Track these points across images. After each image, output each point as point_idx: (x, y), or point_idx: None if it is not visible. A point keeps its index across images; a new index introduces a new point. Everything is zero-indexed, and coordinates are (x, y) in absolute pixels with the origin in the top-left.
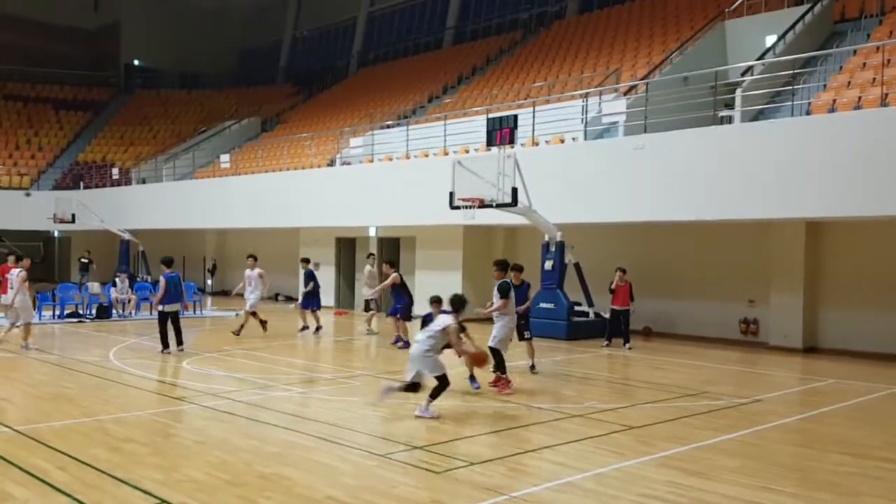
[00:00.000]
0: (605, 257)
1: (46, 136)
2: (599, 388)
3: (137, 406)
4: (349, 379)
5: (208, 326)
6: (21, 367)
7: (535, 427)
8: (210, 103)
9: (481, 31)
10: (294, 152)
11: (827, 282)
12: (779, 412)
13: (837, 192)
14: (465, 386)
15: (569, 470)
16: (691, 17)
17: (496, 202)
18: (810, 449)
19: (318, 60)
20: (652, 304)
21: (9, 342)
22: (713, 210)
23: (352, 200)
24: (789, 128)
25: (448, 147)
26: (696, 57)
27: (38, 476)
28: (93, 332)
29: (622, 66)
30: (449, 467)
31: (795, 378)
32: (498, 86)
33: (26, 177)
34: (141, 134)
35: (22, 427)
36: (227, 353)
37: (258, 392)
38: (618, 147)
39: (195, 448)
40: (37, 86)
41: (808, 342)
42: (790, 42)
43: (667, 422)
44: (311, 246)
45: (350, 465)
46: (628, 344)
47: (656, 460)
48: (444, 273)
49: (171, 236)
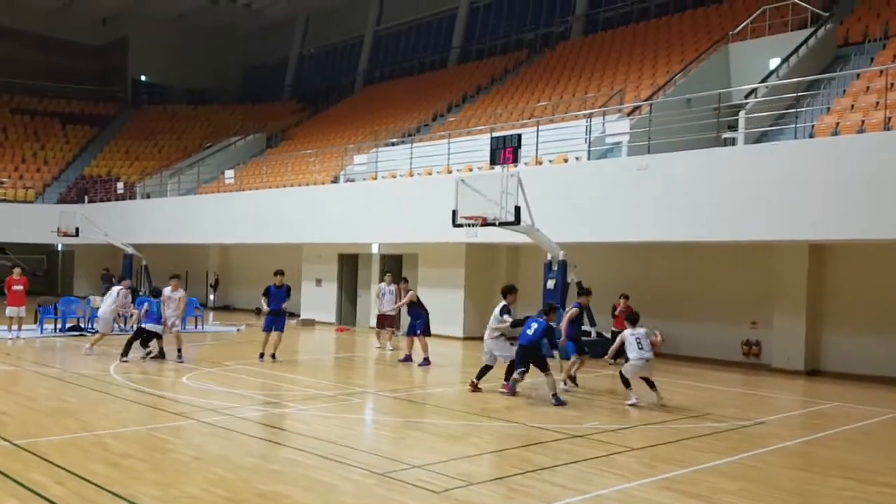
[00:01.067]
0: (608, 277)
1: (52, 149)
2: (601, 409)
3: (137, 421)
4: (350, 396)
5: (209, 341)
6: (22, 380)
7: (535, 447)
8: (216, 119)
9: (487, 50)
10: (298, 169)
11: (830, 304)
12: (781, 435)
13: (841, 214)
14: (471, 404)
15: (569, 491)
16: (695, 39)
17: (499, 220)
18: (812, 473)
19: (323, 78)
20: (653, 325)
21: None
22: (716, 231)
23: (355, 217)
24: (793, 150)
25: (451, 165)
26: (700, 79)
27: (36, 491)
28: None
29: (626, 86)
30: (448, 487)
31: (798, 401)
32: (502, 105)
33: (31, 190)
34: (146, 149)
35: (21, 441)
36: (227, 369)
37: (258, 408)
38: (621, 167)
39: (193, 464)
40: (44, 100)
41: (810, 365)
42: (794, 65)
43: (668, 443)
44: (314, 262)
45: (349, 484)
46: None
47: (657, 482)
48: (446, 290)
49: (175, 251)
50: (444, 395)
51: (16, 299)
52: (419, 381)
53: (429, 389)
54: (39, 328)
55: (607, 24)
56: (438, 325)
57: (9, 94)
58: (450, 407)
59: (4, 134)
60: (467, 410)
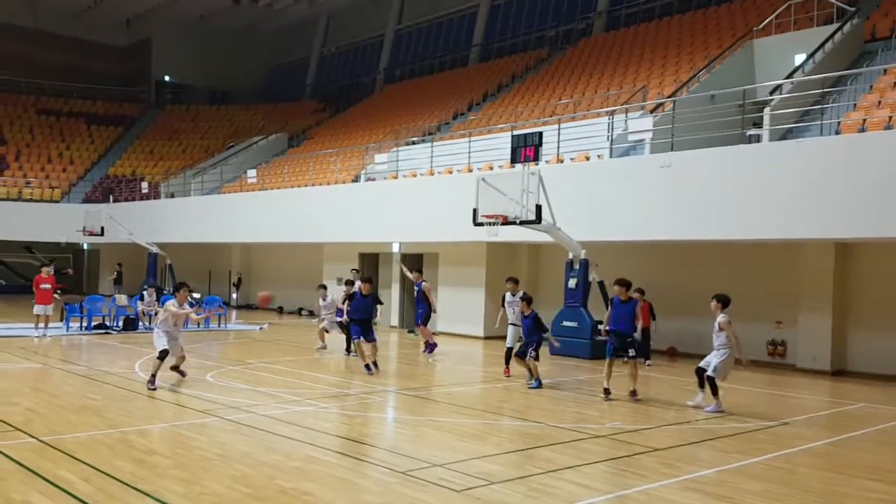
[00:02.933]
0: (630, 276)
1: (78, 149)
2: (623, 409)
3: (161, 418)
4: (371, 394)
5: (232, 339)
6: (48, 378)
7: (557, 447)
8: (238, 119)
9: (507, 48)
10: (319, 168)
11: (856, 303)
12: (806, 436)
13: (867, 212)
14: (491, 403)
15: (590, 491)
16: (719, 35)
17: (520, 219)
18: (839, 474)
19: (344, 77)
20: (677, 323)
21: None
22: (740, 229)
23: (375, 216)
24: (818, 147)
25: (472, 164)
26: (724, 75)
27: (62, 487)
28: (119, 343)
29: (649, 83)
30: (469, 486)
31: (823, 401)
32: (523, 103)
33: (57, 189)
34: (170, 149)
35: (48, 438)
36: (249, 367)
37: (281, 406)
38: (644, 165)
39: (217, 461)
40: (70, 101)
41: (836, 365)
42: (819, 61)
43: (692, 444)
44: (335, 261)
45: (371, 482)
46: (648, 361)
47: (680, 483)
48: (466, 289)
49: (198, 250)
50: (465, 393)
51: (43, 297)
52: (440, 379)
53: (450, 388)
54: (66, 326)
55: (629, 21)
56: (459, 325)
57: (35, 96)
58: (471, 406)
59: (31, 135)
60: (488, 409)
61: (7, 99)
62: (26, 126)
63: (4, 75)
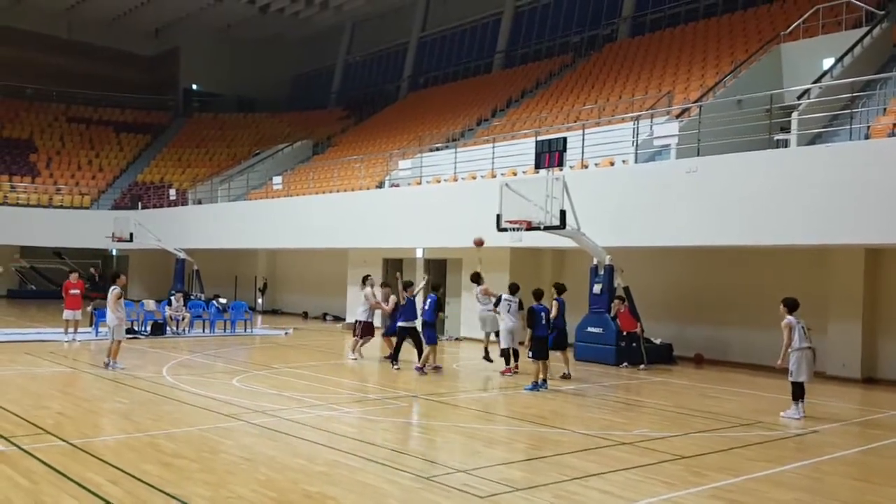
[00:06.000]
0: (656, 282)
1: (107, 157)
2: (649, 416)
3: (188, 422)
4: (395, 400)
5: (258, 344)
6: (78, 382)
7: (582, 454)
8: (264, 127)
9: (532, 54)
10: (344, 174)
11: (886, 310)
12: (836, 444)
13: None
14: (516, 409)
15: (615, 499)
16: (746, 39)
17: (544, 225)
18: (870, 483)
19: (369, 84)
20: (703, 330)
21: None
22: (768, 235)
23: (399, 222)
24: (848, 152)
25: (496, 169)
26: (751, 80)
27: (91, 490)
28: (147, 348)
29: (675, 88)
30: (493, 492)
31: (854, 409)
32: (547, 108)
33: (87, 196)
34: (198, 156)
35: (77, 441)
36: (275, 372)
37: (306, 410)
38: (670, 170)
39: (243, 465)
40: (99, 109)
41: (866, 372)
42: (848, 65)
43: (719, 452)
44: (359, 267)
45: (395, 487)
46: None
47: (707, 491)
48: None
49: (225, 256)
50: (490, 399)
51: (73, 303)
52: (464, 385)
53: (474, 394)
54: (94, 331)
55: (655, 26)
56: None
57: (65, 104)
58: (495, 412)
59: (61, 142)
60: (512, 416)
61: (38, 108)
62: (57, 134)
63: (35, 84)
